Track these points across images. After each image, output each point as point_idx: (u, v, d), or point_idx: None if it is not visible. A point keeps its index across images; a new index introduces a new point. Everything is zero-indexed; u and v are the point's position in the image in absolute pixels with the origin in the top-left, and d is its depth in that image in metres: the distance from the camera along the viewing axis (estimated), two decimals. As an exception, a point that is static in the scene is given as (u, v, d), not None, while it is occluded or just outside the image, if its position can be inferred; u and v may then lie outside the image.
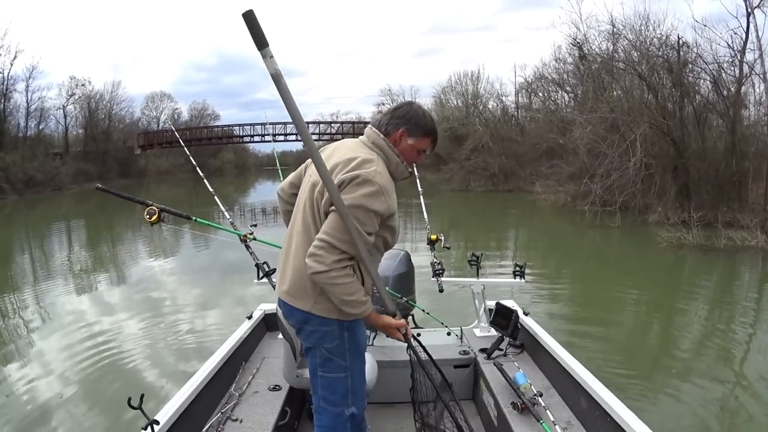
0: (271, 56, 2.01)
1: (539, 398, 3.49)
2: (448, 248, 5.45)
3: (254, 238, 4.80)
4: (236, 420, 3.42)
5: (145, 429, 2.73)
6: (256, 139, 67.43)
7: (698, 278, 12.85)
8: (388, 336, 2.82)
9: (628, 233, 18.86)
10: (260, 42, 1.98)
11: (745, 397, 6.24)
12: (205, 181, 5.56)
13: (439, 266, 4.94)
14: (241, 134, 67.26)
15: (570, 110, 31.72)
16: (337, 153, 2.67)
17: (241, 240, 4.78)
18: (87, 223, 29.17)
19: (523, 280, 4.89)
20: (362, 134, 2.81)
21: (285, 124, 61.41)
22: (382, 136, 2.69)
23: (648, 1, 46.11)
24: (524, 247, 18.34)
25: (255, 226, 4.93)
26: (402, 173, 2.75)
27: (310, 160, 2.70)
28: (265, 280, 4.71)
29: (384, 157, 2.66)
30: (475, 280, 4.93)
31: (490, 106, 47.62)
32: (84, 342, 8.19)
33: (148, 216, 3.95)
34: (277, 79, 2.07)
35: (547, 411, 3.42)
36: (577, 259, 15.53)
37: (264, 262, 4.72)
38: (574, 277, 13.16)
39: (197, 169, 5.95)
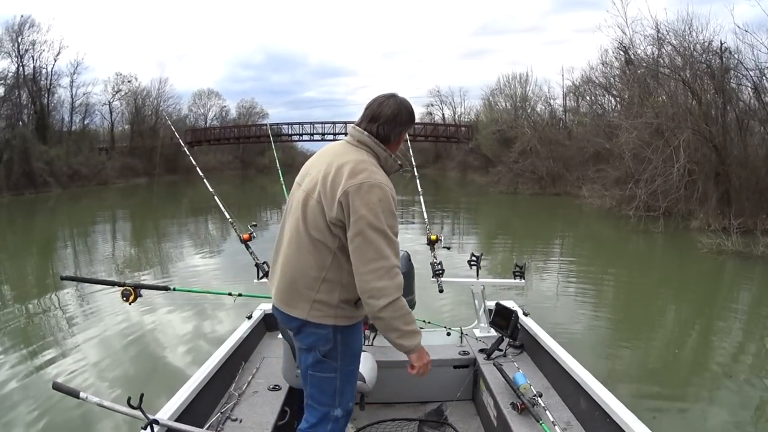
0: None
1: (539, 399, 3.49)
2: (448, 248, 5.40)
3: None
4: (236, 420, 3.43)
5: (145, 429, 2.77)
6: (305, 138, 66.32)
7: (736, 285, 13.10)
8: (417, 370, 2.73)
9: (670, 239, 18.82)
10: None
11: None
12: (205, 181, 5.50)
13: (439, 266, 4.88)
14: (289, 132, 65.92)
15: (616, 115, 31.45)
16: (321, 160, 2.72)
17: (241, 240, 4.85)
18: (132, 215, 29.88)
19: (522, 281, 4.92)
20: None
21: (334, 123, 61.88)
22: (366, 133, 2.68)
23: (691, 6, 45.38)
24: (569, 251, 18.44)
25: (255, 226, 4.96)
26: (392, 167, 2.76)
27: (303, 170, 2.84)
28: (265, 279, 4.66)
29: (372, 153, 2.69)
30: (474, 280, 4.92)
31: (538, 109, 47.38)
32: (84, 341, 8.28)
33: (124, 298, 3.80)
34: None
35: (547, 411, 3.42)
36: (620, 264, 15.62)
37: (264, 262, 4.70)
38: (617, 282, 13.39)
39: (197, 169, 5.81)
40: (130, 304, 3.84)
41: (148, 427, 2.76)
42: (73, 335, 8.72)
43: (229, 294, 4.59)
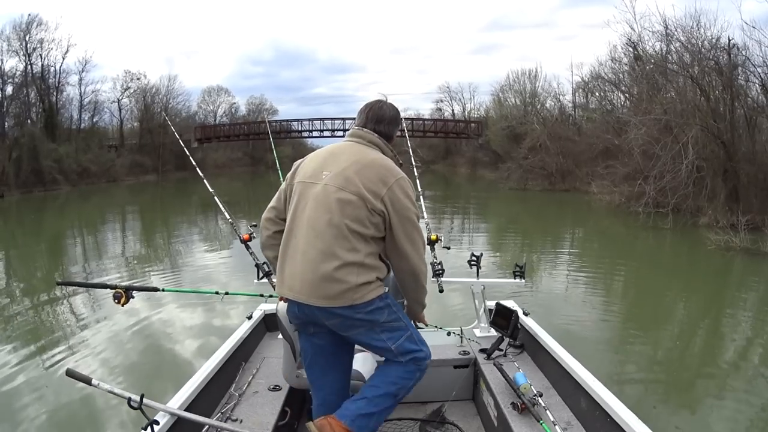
0: None
1: (539, 398, 3.48)
2: (448, 248, 5.37)
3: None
4: (236, 420, 3.43)
5: (145, 429, 2.78)
6: (315, 134, 66.13)
7: (744, 282, 13.08)
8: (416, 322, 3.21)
9: (679, 235, 18.81)
10: None
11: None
12: (204, 181, 5.53)
13: (439, 266, 4.83)
14: (299, 129, 66.05)
15: (625, 111, 31.38)
16: (342, 158, 2.88)
17: (241, 241, 4.83)
18: (142, 212, 30.06)
19: (522, 281, 4.87)
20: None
21: (344, 119, 61.78)
22: (375, 135, 2.97)
23: (699, 2, 45.13)
24: (578, 248, 18.45)
25: (255, 226, 4.64)
26: (395, 162, 3.00)
27: (299, 165, 3.05)
28: (265, 280, 4.69)
29: (382, 152, 2.98)
30: (474, 280, 4.89)
31: (547, 105, 47.38)
32: (89, 338, 8.36)
33: (116, 300, 3.84)
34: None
35: (547, 411, 3.41)
36: (629, 260, 15.64)
37: (264, 262, 4.64)
38: (626, 278, 13.44)
39: (197, 170, 5.84)
40: (122, 306, 3.89)
41: (149, 428, 2.77)
42: (77, 332, 8.83)
43: (216, 293, 4.60)
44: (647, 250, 17.64)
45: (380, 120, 3.01)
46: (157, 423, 2.87)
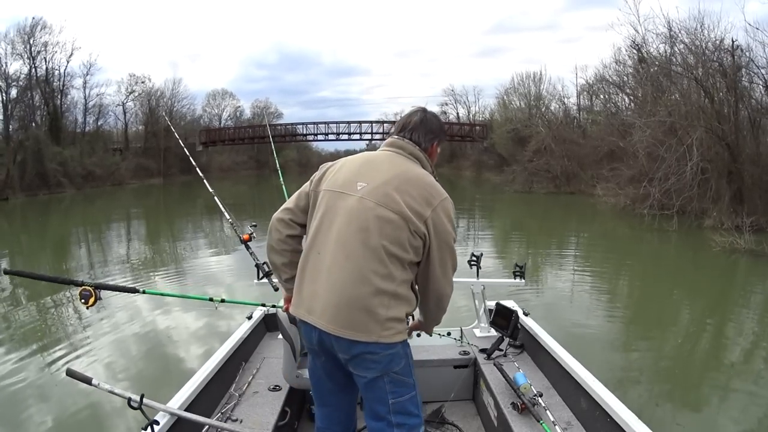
0: None
1: (539, 398, 3.49)
2: None
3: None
4: (236, 420, 3.42)
5: (145, 429, 2.76)
6: (320, 137, 66.57)
7: (749, 284, 13.03)
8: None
9: (684, 237, 18.81)
10: None
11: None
12: (205, 181, 5.51)
13: None
14: (304, 132, 66.60)
15: (630, 113, 31.40)
16: (381, 168, 2.61)
17: (241, 241, 4.74)
18: (147, 215, 30.05)
19: (522, 281, 4.84)
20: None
21: (348, 123, 61.93)
22: (417, 147, 2.69)
23: (702, 3, 45.20)
24: (583, 250, 18.37)
25: (255, 226, 4.86)
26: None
27: (327, 170, 2.73)
28: (265, 280, 4.61)
29: (420, 166, 2.69)
30: (475, 280, 4.83)
31: (552, 108, 47.43)
32: (83, 340, 8.31)
33: (83, 300, 3.41)
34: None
35: (547, 411, 3.42)
36: (634, 262, 15.66)
37: (264, 263, 4.56)
38: (630, 280, 13.46)
39: (197, 170, 5.83)
40: (88, 307, 3.47)
41: (149, 428, 2.77)
42: (78, 333, 8.87)
43: (211, 299, 4.47)
44: (652, 252, 17.61)
45: (426, 131, 2.75)
46: (157, 423, 2.86)
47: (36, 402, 6.18)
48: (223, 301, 4.46)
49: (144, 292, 4.07)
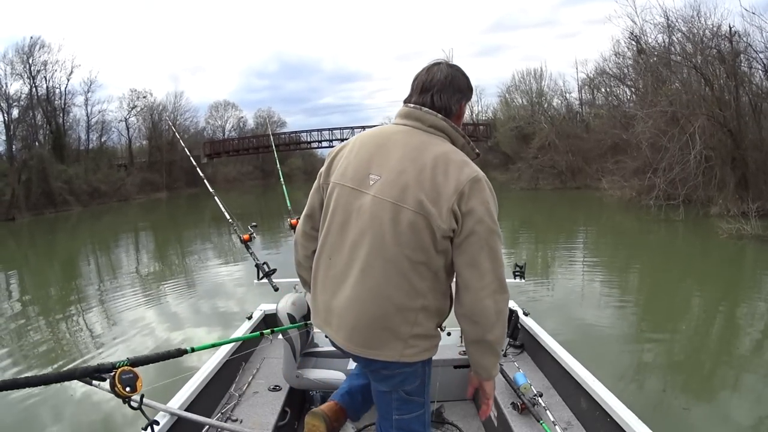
0: None
1: (539, 398, 3.49)
2: None
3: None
4: (236, 420, 3.41)
5: (145, 429, 2.72)
6: (324, 144, 66.09)
7: (758, 269, 13.03)
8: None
9: (691, 226, 18.81)
10: None
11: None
12: (206, 181, 5.52)
13: None
14: (308, 140, 65.81)
15: (632, 105, 31.38)
16: (393, 154, 2.15)
17: (241, 241, 4.71)
18: (154, 229, 30.14)
19: (522, 281, 4.76)
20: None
21: (352, 128, 61.79)
22: (440, 115, 2.17)
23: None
24: (591, 244, 18.33)
25: (255, 226, 4.84)
26: (469, 155, 2.24)
27: (335, 156, 2.35)
28: (265, 280, 4.61)
29: (449, 140, 2.20)
30: None
31: (554, 104, 47.35)
32: (83, 339, 8.55)
33: (128, 388, 2.47)
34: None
35: (547, 411, 3.43)
36: (642, 254, 15.61)
37: (264, 263, 4.62)
38: (640, 272, 13.38)
39: (200, 172, 5.79)
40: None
41: (149, 428, 2.76)
42: (79, 332, 9.11)
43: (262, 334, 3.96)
44: (660, 243, 17.57)
45: (443, 89, 2.20)
46: (158, 423, 2.86)
47: (36, 402, 6.23)
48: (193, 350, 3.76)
49: (193, 350, 3.31)
